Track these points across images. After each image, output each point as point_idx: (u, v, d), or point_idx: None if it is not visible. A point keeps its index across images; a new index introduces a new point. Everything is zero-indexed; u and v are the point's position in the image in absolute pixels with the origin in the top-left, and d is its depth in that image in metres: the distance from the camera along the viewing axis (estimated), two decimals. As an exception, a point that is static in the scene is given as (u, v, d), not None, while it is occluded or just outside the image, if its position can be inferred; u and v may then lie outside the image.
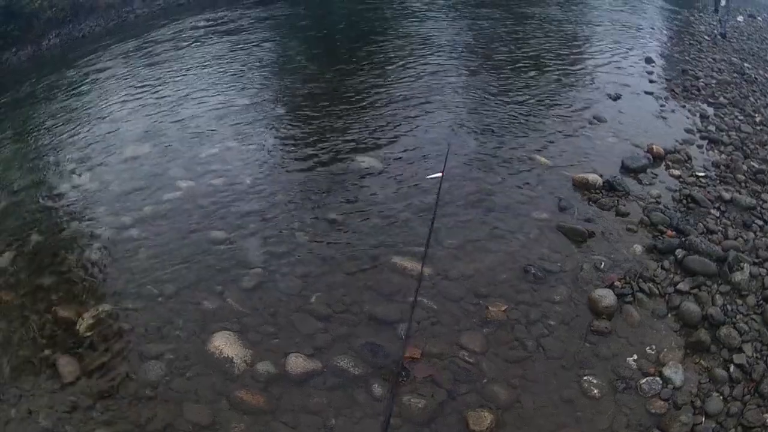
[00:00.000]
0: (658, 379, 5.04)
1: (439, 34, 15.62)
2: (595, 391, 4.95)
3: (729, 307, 5.70)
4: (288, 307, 6.04)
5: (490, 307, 5.74)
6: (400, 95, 11.05)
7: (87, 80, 16.06)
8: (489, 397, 4.94)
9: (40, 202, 9.17)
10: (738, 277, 5.95)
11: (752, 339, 5.37)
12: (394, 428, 4.74)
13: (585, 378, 5.06)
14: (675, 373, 5.07)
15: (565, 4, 18.67)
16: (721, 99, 11.36)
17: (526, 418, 4.81)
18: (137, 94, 13.47)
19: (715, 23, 18.13)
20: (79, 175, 9.69)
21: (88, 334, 6.27)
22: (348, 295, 6.11)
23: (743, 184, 8.03)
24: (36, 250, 7.85)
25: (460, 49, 14.43)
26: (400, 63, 13.03)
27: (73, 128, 12.07)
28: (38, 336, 6.45)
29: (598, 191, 7.44)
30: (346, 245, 6.84)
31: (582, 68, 12.55)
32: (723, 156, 8.91)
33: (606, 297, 5.71)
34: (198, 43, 17.51)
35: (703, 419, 4.76)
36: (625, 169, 7.98)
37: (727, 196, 7.55)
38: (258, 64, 14.41)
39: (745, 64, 14.45)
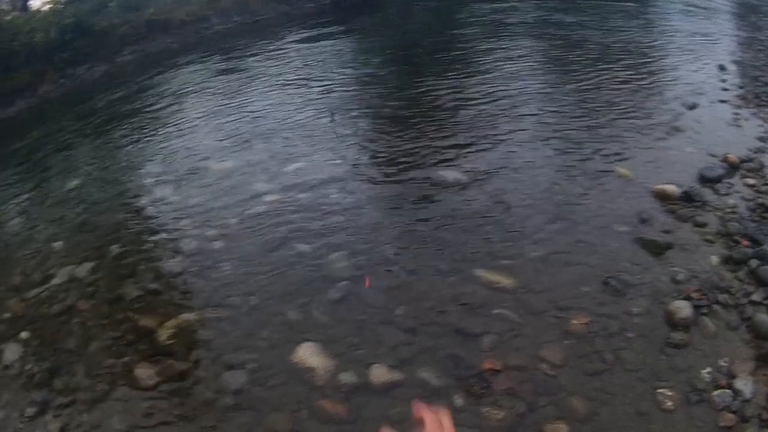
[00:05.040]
0: (728, 391, 5.01)
1: (514, 43, 15.68)
2: (669, 404, 4.96)
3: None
4: (373, 319, 6.21)
5: (571, 320, 5.79)
6: (481, 107, 11.17)
7: (164, 95, 16.62)
8: (567, 410, 4.98)
9: (121, 215, 9.54)
10: (811, 287, 5.80)
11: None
12: None
13: (660, 390, 5.05)
14: (745, 385, 5.04)
15: (633, 13, 18.29)
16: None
17: (602, 431, 4.84)
18: (218, 108, 13.94)
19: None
20: (161, 189, 10.08)
21: (169, 342, 6.52)
22: (432, 308, 6.25)
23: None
24: (116, 261, 8.13)
25: (536, 58, 14.48)
26: (479, 74, 13.15)
27: (154, 142, 12.63)
28: (116, 344, 6.70)
29: (676, 202, 7.41)
30: (431, 258, 6.99)
31: (656, 77, 12.36)
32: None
33: (683, 309, 5.71)
34: (278, 59, 17.88)
35: (767, 434, 4.70)
36: (702, 180, 7.89)
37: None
38: (340, 78, 14.67)
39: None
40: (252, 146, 11.13)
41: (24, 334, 7.37)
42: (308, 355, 5.87)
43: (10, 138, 16.87)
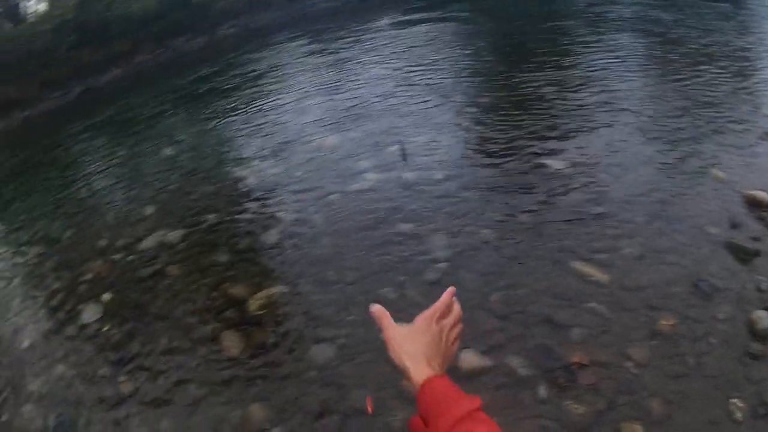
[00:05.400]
0: None
1: (613, 37, 15.39)
2: (739, 415, 5.05)
3: None
4: (468, 304, 6.15)
5: (660, 320, 5.93)
6: (581, 99, 11.15)
7: (264, 69, 16.75)
8: (644, 411, 5.08)
9: (218, 184, 9.81)
10: None
11: None
12: (549, 431, 5.03)
13: (732, 401, 5.09)
14: None
15: (729, 14, 17.45)
16: None
17: None
18: (320, 85, 14.18)
19: None
20: (261, 161, 10.37)
21: (258, 313, 6.62)
22: (527, 296, 6.41)
23: None
24: (211, 230, 8.30)
25: (635, 54, 14.12)
26: (579, 66, 13.09)
27: (254, 115, 12.95)
28: (203, 311, 6.83)
29: (766, 209, 7.38)
30: (528, 245, 7.14)
31: (752, 80, 11.93)
32: None
33: (764, 319, 5.78)
34: (382, 39, 17.94)
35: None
36: (795, 189, 7.72)
37: None
38: (445, 62, 14.69)
39: None
40: (355, 124, 11.30)
41: (106, 296, 7.63)
42: None
43: (107, 105, 17.26)
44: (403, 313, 5.01)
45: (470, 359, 5.75)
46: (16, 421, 6.48)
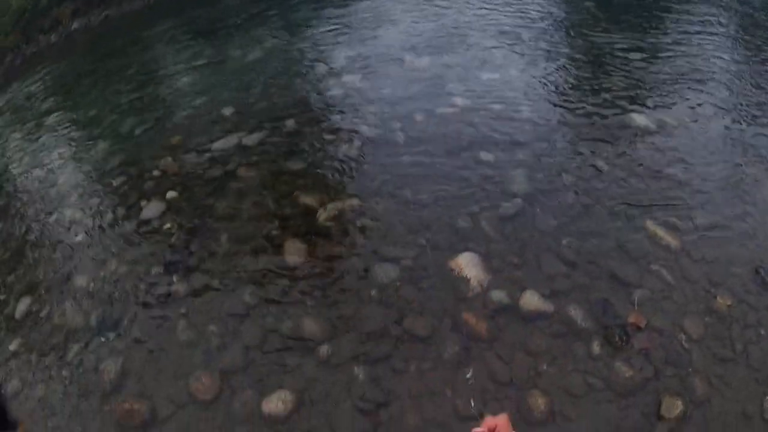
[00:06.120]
0: None
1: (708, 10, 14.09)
2: None
3: None
4: (538, 244, 6.33)
5: (717, 298, 5.91)
6: (674, 62, 10.66)
7: None
8: (688, 388, 5.14)
9: (303, 93, 9.48)
10: None
11: None
12: (595, 389, 5.11)
13: (767, 398, 5.12)
14: None
15: None
16: None
17: (708, 419, 4.98)
18: (417, 8, 13.33)
19: None
20: (349, 75, 9.97)
21: (327, 224, 6.53)
22: (597, 247, 6.36)
23: None
24: (289, 136, 8.07)
25: (729, 29, 13.06)
26: (674, 31, 12.37)
27: (347, 29, 12.31)
28: (270, 216, 6.69)
29: None
30: (606, 197, 7.01)
31: None
32: None
33: None
34: None
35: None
36: None
37: None
38: (547, 17, 13.58)
39: None
40: (449, 49, 10.84)
41: (171, 193, 7.44)
42: (466, 264, 6.01)
43: (195, 6, 16.34)
44: (472, 243, 5.61)
45: (532, 301, 5.80)
46: (57, 317, 6.48)
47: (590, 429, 4.89)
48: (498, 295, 5.77)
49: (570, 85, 9.84)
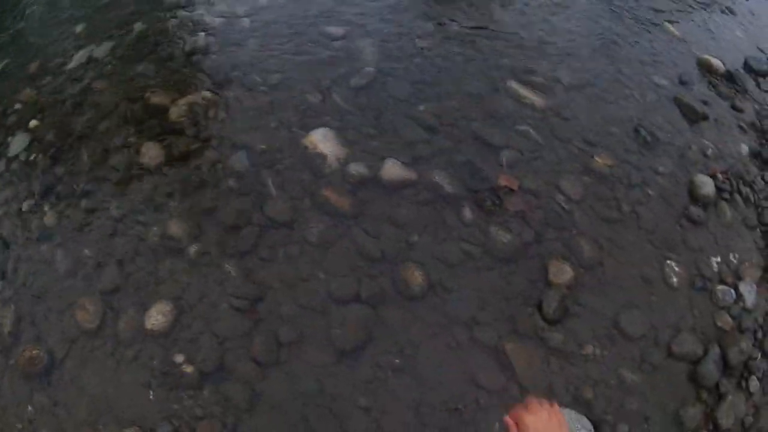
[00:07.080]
0: (732, 291, 4.91)
1: None
2: (674, 280, 4.84)
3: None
4: (394, 111, 5.87)
5: (595, 157, 5.53)
6: None
7: None
8: (574, 251, 4.85)
9: None
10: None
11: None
12: (473, 257, 4.75)
13: (668, 262, 4.94)
14: (749, 292, 4.93)
15: None
16: None
17: (603, 284, 4.75)
18: None
19: None
20: None
21: (180, 120, 6.20)
22: (458, 110, 5.88)
23: None
24: (137, 40, 7.71)
25: None
26: None
27: None
28: (126, 124, 6.37)
29: (718, 77, 7.02)
30: (463, 59, 6.55)
31: None
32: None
33: (706, 185, 5.48)
34: None
35: (759, 355, 4.70)
36: (747, 68, 7.47)
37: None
38: None
39: None
40: None
41: (33, 122, 6.97)
42: (320, 140, 5.64)
43: None
44: (326, 117, 5.71)
45: (393, 170, 5.29)
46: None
47: (475, 299, 4.60)
48: (357, 168, 5.32)
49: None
